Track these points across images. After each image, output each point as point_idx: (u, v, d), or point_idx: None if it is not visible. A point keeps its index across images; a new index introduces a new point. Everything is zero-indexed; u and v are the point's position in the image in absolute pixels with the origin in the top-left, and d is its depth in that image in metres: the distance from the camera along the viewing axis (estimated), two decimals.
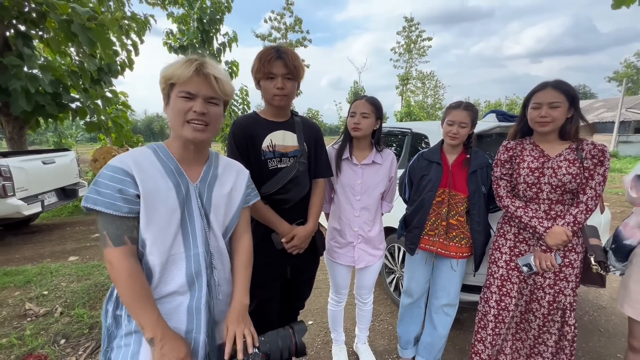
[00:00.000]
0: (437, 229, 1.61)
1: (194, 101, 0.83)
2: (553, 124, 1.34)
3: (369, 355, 1.85)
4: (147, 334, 0.79)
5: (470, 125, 1.53)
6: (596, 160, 1.33)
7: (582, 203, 1.34)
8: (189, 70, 0.81)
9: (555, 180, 1.36)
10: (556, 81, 1.36)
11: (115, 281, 0.80)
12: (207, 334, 0.89)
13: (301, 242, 1.31)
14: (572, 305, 1.42)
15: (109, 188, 0.77)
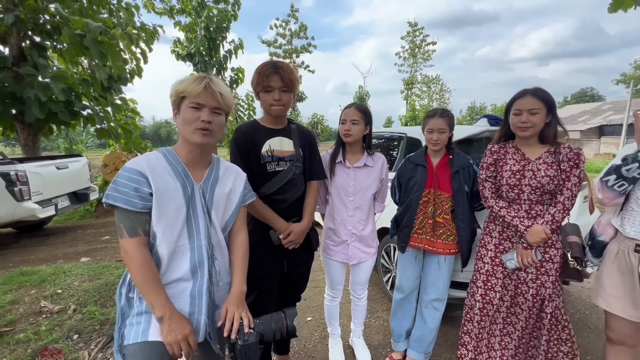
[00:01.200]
0: (425, 227, 1.71)
1: (202, 111, 0.97)
2: (533, 129, 1.44)
3: (363, 348, 1.94)
4: (157, 312, 0.91)
5: (449, 130, 1.64)
6: (572, 162, 1.43)
7: (559, 203, 1.44)
8: (200, 86, 0.96)
9: (535, 182, 1.46)
10: (535, 89, 1.46)
11: (130, 267, 0.93)
12: (208, 316, 1.01)
13: (296, 238, 1.42)
14: (552, 297, 1.51)
15: (126, 187, 0.90)
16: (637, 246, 1.25)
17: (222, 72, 11.62)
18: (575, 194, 1.43)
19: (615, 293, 1.34)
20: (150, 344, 0.92)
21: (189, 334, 0.92)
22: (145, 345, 0.92)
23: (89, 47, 3.88)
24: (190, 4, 11.44)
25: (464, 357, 1.67)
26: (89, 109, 6.23)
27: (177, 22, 11.35)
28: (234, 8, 11.46)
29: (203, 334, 0.99)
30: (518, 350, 1.66)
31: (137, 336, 0.92)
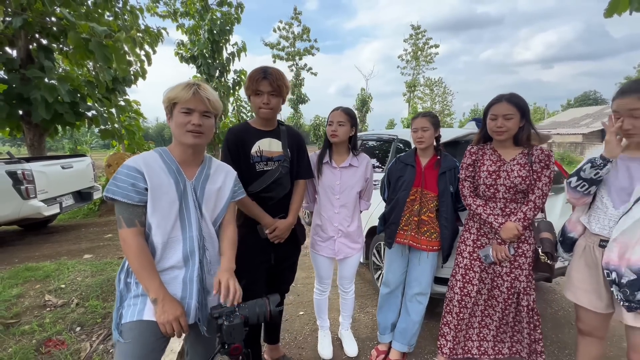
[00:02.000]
0: (410, 224, 1.80)
1: (192, 115, 1.07)
2: (507, 133, 1.54)
3: (351, 340, 2.03)
4: (152, 295, 1.01)
5: (433, 129, 1.73)
6: (543, 164, 1.52)
7: (531, 201, 1.53)
8: (189, 93, 1.05)
9: (509, 182, 1.55)
10: (510, 95, 1.56)
11: (127, 254, 1.03)
12: (198, 301, 1.10)
13: (282, 233, 1.52)
14: (526, 290, 1.60)
15: (124, 182, 1.01)
16: (602, 241, 1.33)
17: (225, 74, 11.77)
18: (545, 193, 1.52)
19: (582, 286, 1.42)
20: (145, 323, 1.02)
21: (180, 315, 1.02)
22: (140, 323, 1.02)
23: (93, 51, 4.02)
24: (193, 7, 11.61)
25: (443, 347, 1.76)
26: (94, 110, 6.37)
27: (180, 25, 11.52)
28: (237, 11, 11.62)
29: (194, 317, 1.09)
30: (496, 341, 1.74)
31: (133, 315, 1.02)
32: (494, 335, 1.73)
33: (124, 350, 0.99)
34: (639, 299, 1.21)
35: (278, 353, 1.87)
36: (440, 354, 1.79)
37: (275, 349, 1.87)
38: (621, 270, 1.25)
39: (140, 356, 0.98)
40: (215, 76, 11.75)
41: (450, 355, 1.75)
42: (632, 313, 1.24)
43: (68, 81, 5.39)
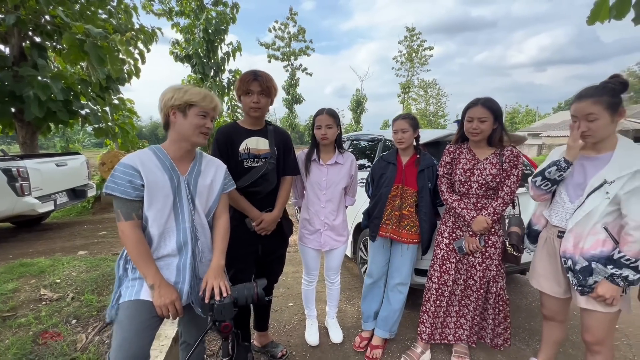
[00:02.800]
0: (392, 219, 1.92)
1: (206, 119, 1.21)
2: (482, 134, 1.67)
3: (336, 328, 2.15)
4: (149, 281, 1.11)
5: (412, 130, 1.85)
6: (512, 163, 1.66)
7: (500, 198, 1.67)
8: (211, 103, 1.22)
9: (481, 179, 1.68)
10: (485, 99, 1.69)
11: (126, 245, 1.13)
12: (191, 286, 1.21)
13: (267, 225, 1.63)
14: (496, 278, 1.73)
15: (122, 179, 1.11)
16: (560, 232, 1.47)
17: (220, 74, 11.80)
18: (513, 190, 1.66)
19: (544, 274, 1.56)
20: (141, 302, 1.12)
21: (176, 299, 1.13)
22: (136, 302, 1.12)
23: (88, 52, 4.06)
24: (189, 5, 11.61)
25: (422, 333, 1.89)
26: (87, 109, 6.37)
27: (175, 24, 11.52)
28: (233, 11, 11.65)
29: (186, 299, 1.20)
30: (472, 332, 1.87)
31: (131, 295, 1.13)
32: (470, 325, 1.86)
33: (122, 325, 1.09)
34: (590, 284, 1.35)
35: (267, 339, 1.98)
36: (419, 340, 1.92)
37: (264, 335, 1.98)
38: (575, 258, 1.39)
39: (137, 330, 1.09)
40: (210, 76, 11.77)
41: (428, 340, 1.88)
42: (585, 297, 1.38)
43: (61, 79, 5.40)
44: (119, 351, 1.04)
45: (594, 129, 1.32)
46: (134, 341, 1.06)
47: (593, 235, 1.35)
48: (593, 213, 1.33)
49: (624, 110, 1.32)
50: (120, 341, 1.06)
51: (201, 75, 11.63)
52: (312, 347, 2.06)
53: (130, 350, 1.04)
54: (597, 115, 1.30)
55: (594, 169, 1.37)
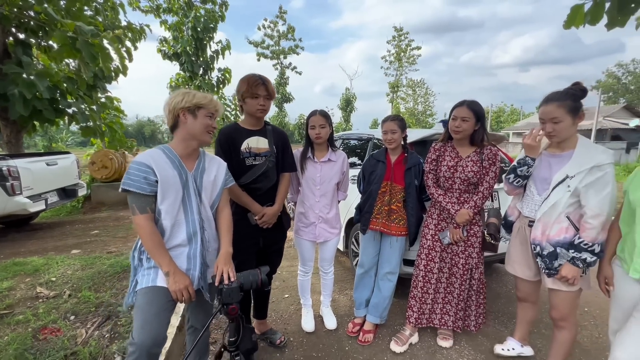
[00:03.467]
0: (382, 213, 2.07)
1: (213, 120, 1.33)
2: (463, 132, 1.83)
3: (331, 316, 2.29)
4: (164, 269, 1.22)
5: (400, 131, 2.00)
6: (491, 161, 1.83)
7: (480, 192, 1.83)
8: (218, 105, 1.34)
9: (463, 175, 1.85)
10: (470, 101, 1.85)
11: (141, 236, 1.23)
12: (200, 273, 1.32)
13: (269, 219, 1.76)
14: (477, 265, 1.91)
15: (137, 176, 1.21)
16: (530, 222, 1.65)
17: (209, 72, 11.74)
18: (492, 185, 1.83)
19: (517, 260, 1.73)
20: (158, 287, 1.23)
21: (189, 284, 1.24)
22: (154, 288, 1.23)
23: (81, 50, 4.05)
24: (177, 2, 11.47)
25: (410, 317, 2.05)
26: (74, 107, 6.28)
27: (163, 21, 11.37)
28: (222, 9, 11.58)
29: (197, 284, 1.31)
30: (457, 317, 2.04)
31: (147, 282, 1.23)
32: (455, 311, 2.02)
33: (142, 308, 1.20)
34: (555, 267, 1.53)
35: (266, 327, 2.10)
36: (407, 323, 2.08)
37: (263, 323, 2.10)
38: (543, 244, 1.56)
39: (156, 313, 1.20)
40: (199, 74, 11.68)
41: (415, 324, 2.04)
42: (551, 278, 1.56)
43: (47, 77, 5.31)
44: (141, 332, 1.15)
45: (558, 130, 1.50)
46: (155, 322, 1.17)
47: (558, 223, 1.52)
48: (557, 204, 1.51)
49: (583, 113, 1.50)
50: (142, 322, 1.16)
51: (190, 73, 11.52)
52: (308, 334, 2.20)
53: (152, 331, 1.15)
54: (561, 118, 1.47)
55: (558, 165, 1.54)
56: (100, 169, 6.15)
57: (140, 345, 1.14)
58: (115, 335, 2.12)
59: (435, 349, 2.04)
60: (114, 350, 1.94)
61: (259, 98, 1.66)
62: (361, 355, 1.99)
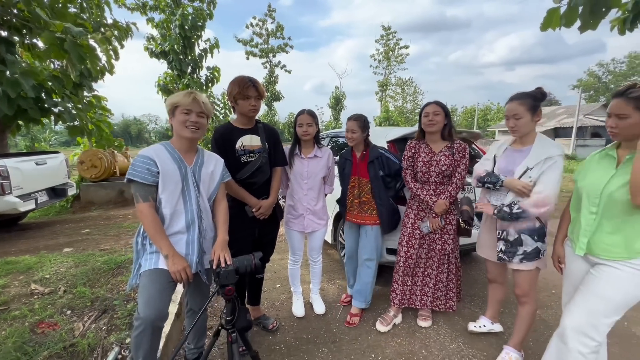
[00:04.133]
0: (354, 205, 2.25)
1: (190, 115, 1.41)
2: (437, 125, 2.01)
3: (319, 302, 2.46)
4: (164, 252, 1.34)
5: (360, 131, 2.15)
6: (461, 154, 2.01)
7: (453, 183, 2.02)
8: (189, 98, 1.40)
9: (438, 169, 2.03)
10: (436, 100, 2.04)
11: (144, 222, 1.36)
12: (198, 258, 1.46)
13: (265, 211, 1.90)
14: (453, 250, 2.10)
15: (141, 168, 1.33)
16: None
17: (198, 70, 11.68)
18: (464, 176, 2.02)
19: (486, 244, 1.92)
20: (159, 270, 1.36)
21: (186, 266, 1.37)
22: (156, 270, 1.36)
23: (69, 51, 4.06)
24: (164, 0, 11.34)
25: (393, 299, 2.22)
26: (60, 106, 6.20)
27: (150, 19, 11.24)
28: (210, 7, 11.52)
29: (195, 268, 1.45)
30: (435, 297, 2.22)
31: (150, 265, 1.36)
32: (432, 292, 2.21)
33: (146, 287, 1.33)
34: (519, 253, 1.72)
35: (259, 312, 2.25)
36: (392, 305, 2.26)
37: (257, 309, 2.24)
38: (509, 230, 1.75)
39: (159, 291, 1.33)
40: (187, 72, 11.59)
41: (399, 305, 2.22)
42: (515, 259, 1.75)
43: (32, 76, 5.24)
44: (146, 307, 1.27)
45: (519, 125, 1.69)
46: (158, 299, 1.30)
47: None
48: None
49: (541, 112, 1.70)
50: (147, 299, 1.29)
51: (178, 72, 11.42)
52: (299, 318, 2.35)
53: (156, 307, 1.28)
54: (521, 115, 1.66)
55: (519, 159, 1.73)
56: (89, 168, 6.13)
57: (146, 319, 1.27)
58: (112, 328, 2.17)
59: (415, 329, 2.22)
60: (112, 341, 2.01)
61: (250, 99, 1.79)
62: (347, 335, 2.15)
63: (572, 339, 1.37)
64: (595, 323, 1.33)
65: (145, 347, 1.32)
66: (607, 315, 1.33)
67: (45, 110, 5.81)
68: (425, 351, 2.00)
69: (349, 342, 2.09)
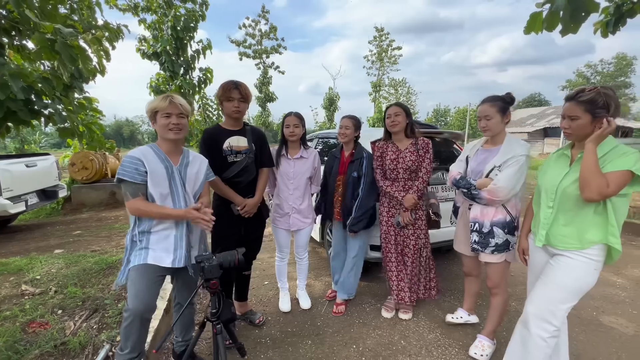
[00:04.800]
0: (338, 204, 2.35)
1: (171, 117, 1.49)
2: (399, 125, 2.14)
3: (305, 297, 2.55)
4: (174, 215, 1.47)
5: (354, 128, 2.27)
6: (425, 150, 2.14)
7: (420, 178, 2.15)
8: (167, 102, 1.48)
9: (405, 165, 2.15)
10: (398, 102, 2.19)
11: (144, 211, 1.44)
12: (187, 252, 1.54)
13: (250, 209, 1.98)
14: (425, 244, 2.21)
15: (130, 168, 1.41)
16: (469, 205, 1.95)
17: (190, 72, 11.67)
18: (429, 171, 2.15)
19: (461, 239, 2.04)
20: (148, 265, 1.45)
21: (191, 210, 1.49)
22: (145, 265, 1.44)
23: (60, 52, 4.08)
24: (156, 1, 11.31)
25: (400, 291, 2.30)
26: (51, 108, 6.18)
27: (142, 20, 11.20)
28: (202, 8, 11.52)
29: (184, 262, 1.53)
30: (411, 291, 2.32)
31: (139, 260, 1.44)
32: (409, 286, 2.31)
33: (135, 281, 1.41)
34: (491, 245, 1.83)
35: (246, 308, 2.33)
36: (395, 297, 2.33)
37: (244, 305, 2.32)
38: (483, 222, 1.85)
39: (147, 285, 1.41)
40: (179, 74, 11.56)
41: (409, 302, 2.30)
42: (486, 253, 1.85)
43: (21, 77, 5.23)
44: (135, 299, 1.35)
45: (490, 125, 1.80)
46: (146, 292, 1.38)
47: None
48: None
49: (510, 114, 1.82)
50: (136, 292, 1.37)
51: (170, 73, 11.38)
52: (285, 313, 2.44)
53: (144, 299, 1.37)
54: (492, 115, 1.78)
55: (489, 158, 1.85)
56: (80, 170, 6.13)
57: (134, 311, 1.35)
58: (103, 326, 2.21)
59: (395, 321, 2.33)
60: (103, 339, 2.04)
61: (234, 101, 1.87)
62: (331, 328, 2.25)
63: (534, 325, 1.48)
64: (553, 309, 1.45)
65: (133, 337, 1.40)
66: (563, 302, 1.44)
67: (35, 112, 5.76)
68: (404, 342, 2.10)
69: (332, 334, 2.18)
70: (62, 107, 6.45)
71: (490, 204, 1.79)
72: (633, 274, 3.14)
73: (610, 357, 1.96)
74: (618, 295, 2.71)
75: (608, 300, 2.62)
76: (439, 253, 3.47)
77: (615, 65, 40.14)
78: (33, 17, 4.38)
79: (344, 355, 1.97)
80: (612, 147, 1.33)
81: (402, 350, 2.01)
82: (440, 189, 2.86)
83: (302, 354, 1.99)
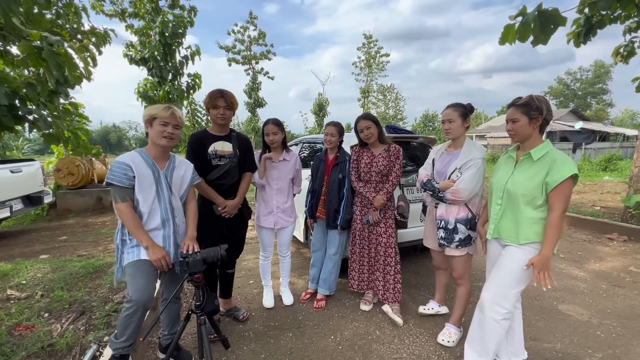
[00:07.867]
0: (322, 204, 2.50)
1: (167, 127, 1.62)
2: (372, 137, 2.32)
3: (288, 294, 2.68)
4: (144, 244, 1.55)
5: (338, 135, 2.45)
6: (395, 155, 2.33)
7: (390, 181, 2.33)
8: (168, 112, 1.61)
9: (377, 169, 2.33)
10: (366, 113, 2.37)
11: (124, 219, 1.55)
12: (174, 250, 1.66)
13: (230, 209, 2.11)
14: (392, 242, 2.37)
15: (119, 172, 1.53)
16: (436, 204, 2.13)
17: (179, 77, 11.69)
18: (399, 175, 2.34)
19: (429, 235, 2.21)
20: (143, 261, 1.56)
21: (165, 254, 1.58)
22: (140, 261, 1.56)
23: (46, 59, 4.13)
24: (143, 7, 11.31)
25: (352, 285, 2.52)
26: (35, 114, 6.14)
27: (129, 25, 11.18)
28: (190, 15, 11.58)
29: (172, 259, 1.65)
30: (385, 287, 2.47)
31: (134, 257, 1.56)
32: (382, 279, 2.46)
33: (134, 276, 1.52)
34: (456, 240, 2.00)
35: (230, 305, 2.44)
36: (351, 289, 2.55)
37: (228, 302, 2.43)
38: (449, 219, 2.03)
39: (145, 277, 1.54)
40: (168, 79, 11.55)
41: (357, 289, 2.54)
42: (451, 247, 2.03)
43: (5, 83, 5.21)
44: (137, 291, 1.48)
45: (452, 129, 2.00)
46: (146, 284, 1.52)
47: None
48: None
49: (469, 120, 2.01)
50: (137, 285, 1.49)
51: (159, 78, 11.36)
52: (268, 309, 2.57)
53: (145, 290, 1.50)
54: (454, 119, 1.97)
55: (452, 161, 2.04)
56: (66, 175, 6.10)
57: (138, 301, 1.48)
58: (90, 328, 2.26)
59: (372, 314, 2.48)
60: (90, 340, 2.10)
61: (219, 108, 2.01)
62: (311, 322, 2.38)
63: (488, 309, 1.65)
64: (504, 293, 1.62)
65: (132, 326, 1.53)
66: (512, 287, 1.62)
67: (19, 118, 5.73)
68: (379, 332, 2.25)
69: (312, 327, 2.32)
70: (47, 112, 6.43)
71: (454, 203, 1.97)
72: (594, 267, 3.39)
73: (564, 340, 2.16)
74: (578, 287, 2.94)
75: (568, 291, 2.84)
76: (416, 251, 3.66)
77: (594, 73, 41.87)
78: (18, 23, 4.42)
79: (322, 345, 2.10)
80: (547, 150, 1.54)
81: (377, 340, 2.16)
82: (416, 190, 3.05)
83: (283, 345, 2.12)
